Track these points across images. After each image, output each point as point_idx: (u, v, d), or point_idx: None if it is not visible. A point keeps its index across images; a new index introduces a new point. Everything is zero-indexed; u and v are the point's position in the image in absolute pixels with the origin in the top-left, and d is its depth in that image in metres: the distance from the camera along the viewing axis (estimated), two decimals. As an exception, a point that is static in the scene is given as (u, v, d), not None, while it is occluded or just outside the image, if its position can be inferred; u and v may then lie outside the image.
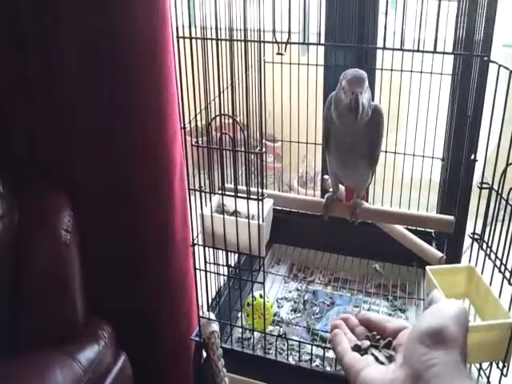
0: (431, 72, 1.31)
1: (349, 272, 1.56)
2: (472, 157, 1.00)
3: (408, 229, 1.32)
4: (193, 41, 0.92)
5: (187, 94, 0.96)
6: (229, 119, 0.96)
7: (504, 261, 0.93)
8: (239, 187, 1.04)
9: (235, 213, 1.06)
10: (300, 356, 1.20)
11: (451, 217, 1.13)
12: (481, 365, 0.99)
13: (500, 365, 0.93)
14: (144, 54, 1.22)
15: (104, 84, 1.26)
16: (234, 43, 0.94)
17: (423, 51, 0.94)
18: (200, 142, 1.00)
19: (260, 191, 0.99)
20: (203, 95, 0.97)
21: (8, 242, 1.19)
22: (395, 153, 1.41)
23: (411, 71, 1.31)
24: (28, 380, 1.08)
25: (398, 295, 1.46)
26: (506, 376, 0.93)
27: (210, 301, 1.20)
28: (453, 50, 1.06)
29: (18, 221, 1.21)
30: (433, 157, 1.39)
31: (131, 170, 1.34)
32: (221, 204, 1.10)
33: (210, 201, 1.07)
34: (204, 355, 1.19)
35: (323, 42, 1.26)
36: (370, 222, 1.32)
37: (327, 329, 1.32)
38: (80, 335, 1.23)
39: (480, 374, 0.99)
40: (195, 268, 1.12)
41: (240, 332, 1.30)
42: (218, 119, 0.97)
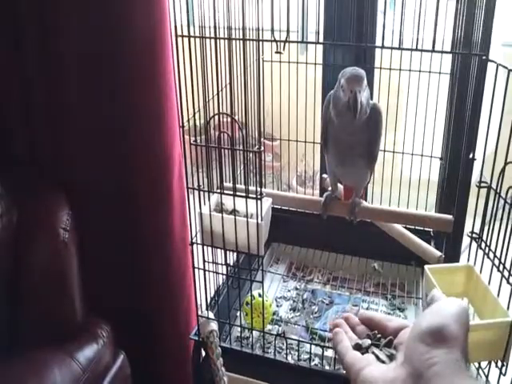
0: (430, 71, 1.31)
1: (348, 271, 1.56)
2: (470, 156, 1.00)
3: (407, 228, 1.32)
4: (191, 39, 0.92)
5: (186, 93, 0.96)
6: (227, 118, 0.96)
7: (502, 260, 0.93)
8: (238, 186, 1.04)
9: (234, 212, 1.06)
10: (299, 355, 1.21)
11: (450, 216, 1.13)
12: (479, 364, 0.99)
13: (499, 364, 0.93)
14: (143, 54, 1.23)
15: (103, 84, 1.26)
16: (233, 42, 0.94)
17: (422, 50, 0.94)
18: (198, 141, 1.00)
19: (259, 190, 0.99)
20: (202, 94, 0.97)
21: (7, 241, 1.19)
22: (394, 152, 1.41)
23: (410, 70, 1.31)
24: (26, 379, 1.08)
25: (397, 294, 1.46)
26: (505, 375, 0.93)
27: (209, 300, 1.20)
28: (451, 49, 1.06)
29: (17, 220, 1.21)
30: (431, 156, 1.39)
31: (130, 170, 1.34)
32: (219, 203, 1.10)
33: (209, 200, 1.07)
34: (203, 354, 1.19)
35: (322, 41, 1.26)
36: (369, 221, 1.32)
37: (326, 328, 1.32)
38: (79, 334, 1.22)
39: (479, 373, 0.99)
40: (194, 267, 1.12)
41: (239, 331, 1.30)
42: (217, 118, 0.97)
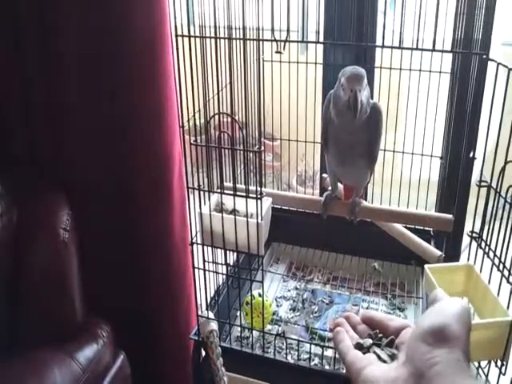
0: (430, 70, 1.31)
1: (348, 271, 1.56)
2: (471, 155, 1.00)
3: (407, 227, 1.32)
4: (191, 39, 0.92)
5: (186, 93, 0.96)
6: (227, 118, 0.96)
7: (502, 259, 0.93)
8: (238, 186, 1.04)
9: (234, 211, 1.06)
10: (299, 355, 1.20)
11: (450, 215, 1.13)
12: (479, 363, 0.99)
13: (498, 363, 0.93)
14: (143, 54, 1.22)
15: (103, 84, 1.26)
16: (233, 41, 0.94)
17: (422, 49, 0.94)
18: (199, 141, 1.00)
19: (259, 190, 0.99)
20: (202, 94, 0.97)
21: (7, 241, 1.19)
22: (394, 151, 1.41)
23: (410, 69, 1.31)
24: (26, 379, 1.08)
25: (397, 294, 1.46)
26: (505, 374, 0.93)
27: (209, 300, 1.20)
28: (451, 49, 1.06)
29: (17, 219, 1.21)
30: (431, 155, 1.39)
31: (130, 170, 1.34)
32: (219, 203, 1.10)
33: (209, 199, 1.06)
34: (203, 354, 1.19)
35: (322, 41, 1.26)
36: (369, 221, 1.32)
37: (326, 327, 1.32)
38: (79, 334, 1.22)
39: (478, 373, 0.98)
40: (194, 267, 1.12)
41: (239, 331, 1.30)
42: (217, 118, 0.97)
